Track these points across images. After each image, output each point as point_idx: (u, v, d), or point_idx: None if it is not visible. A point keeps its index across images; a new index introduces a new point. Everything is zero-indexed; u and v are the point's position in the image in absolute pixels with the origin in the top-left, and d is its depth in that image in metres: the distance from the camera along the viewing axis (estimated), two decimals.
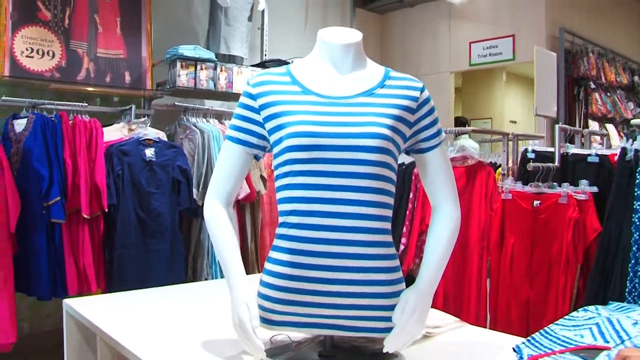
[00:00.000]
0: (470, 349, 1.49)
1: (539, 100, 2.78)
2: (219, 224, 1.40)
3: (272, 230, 3.90)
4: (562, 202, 2.37)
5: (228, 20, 4.35)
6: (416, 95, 1.36)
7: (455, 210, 1.41)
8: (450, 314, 1.76)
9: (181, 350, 1.44)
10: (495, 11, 6.04)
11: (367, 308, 1.29)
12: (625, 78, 6.44)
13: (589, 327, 1.23)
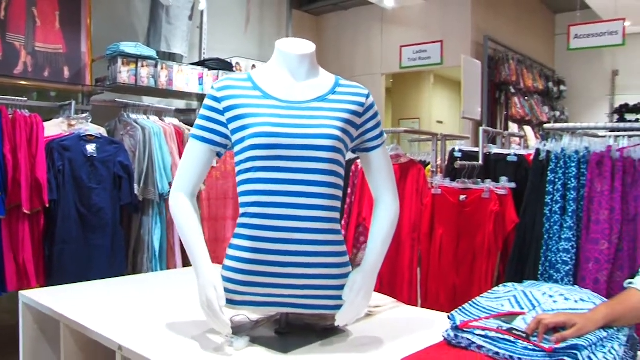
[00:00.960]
0: (406, 324, 1.68)
1: (465, 105, 3.04)
2: (185, 214, 1.53)
3: (210, 225, 3.98)
4: (485, 196, 2.63)
5: (169, 18, 4.40)
6: (362, 101, 1.55)
7: (395, 202, 1.60)
8: None
9: (148, 331, 1.56)
10: (425, 18, 6.37)
11: (319, 288, 1.46)
12: (541, 84, 6.94)
13: (508, 299, 1.45)
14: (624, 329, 1.33)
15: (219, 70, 4.34)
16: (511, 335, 1.27)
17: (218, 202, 3.98)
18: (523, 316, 1.34)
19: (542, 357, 1.19)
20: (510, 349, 1.24)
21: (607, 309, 1.32)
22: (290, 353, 1.42)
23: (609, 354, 1.21)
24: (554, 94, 7.41)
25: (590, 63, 7.81)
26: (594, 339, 1.22)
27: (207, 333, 1.52)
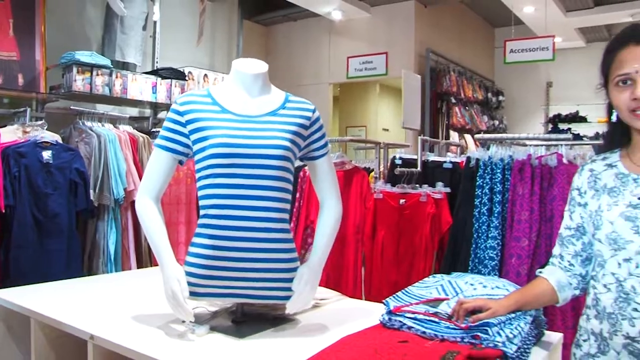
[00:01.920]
0: (349, 313, 1.89)
1: (405, 115, 3.28)
2: (150, 216, 1.70)
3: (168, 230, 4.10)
4: (422, 200, 2.88)
5: (124, 28, 4.51)
6: (309, 115, 1.76)
7: (338, 205, 1.82)
8: None
9: (116, 322, 1.72)
10: (371, 30, 6.66)
11: (271, 280, 1.66)
12: (480, 94, 7.33)
13: (435, 287, 1.68)
14: (531, 311, 1.57)
15: (172, 79, 4.47)
16: (436, 317, 1.49)
17: (171, 207, 4.10)
18: (447, 301, 1.57)
19: (460, 334, 1.42)
20: (435, 328, 1.46)
21: (517, 296, 1.55)
22: (246, 338, 1.61)
23: (514, 329, 1.45)
24: (493, 104, 7.83)
25: (527, 75, 8.28)
26: (503, 319, 1.45)
27: (171, 323, 1.69)
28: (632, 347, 1.32)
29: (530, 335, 1.53)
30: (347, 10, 6.37)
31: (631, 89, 1.34)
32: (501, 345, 1.37)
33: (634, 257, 1.34)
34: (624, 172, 1.43)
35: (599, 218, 1.42)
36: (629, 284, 1.34)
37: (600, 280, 1.42)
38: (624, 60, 1.36)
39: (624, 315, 1.34)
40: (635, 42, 1.36)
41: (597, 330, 1.41)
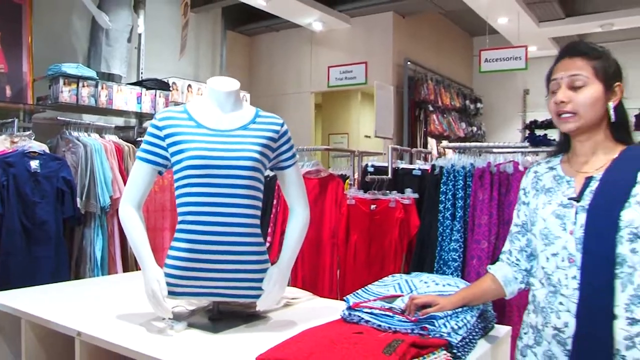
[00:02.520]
0: (317, 311, 2.04)
1: (377, 125, 3.46)
2: (132, 223, 1.86)
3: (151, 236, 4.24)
4: (391, 205, 3.05)
5: (109, 41, 4.66)
6: (278, 129, 1.92)
7: (305, 211, 1.99)
8: None
9: (101, 320, 1.87)
10: (351, 41, 6.86)
11: (243, 280, 1.82)
12: (458, 102, 7.54)
13: (393, 285, 1.85)
14: (478, 305, 1.74)
15: (156, 90, 4.63)
16: (390, 312, 1.65)
17: (156, 213, 4.24)
18: (402, 298, 1.74)
19: (410, 326, 1.58)
20: (389, 321, 1.62)
21: (464, 293, 1.72)
22: (220, 333, 1.77)
23: (460, 322, 1.61)
24: (471, 111, 8.04)
25: (504, 82, 8.50)
26: (449, 312, 1.62)
27: (152, 320, 1.85)
28: (559, 337, 1.48)
29: (476, 327, 1.70)
30: (328, 21, 6.55)
31: (556, 94, 1.51)
32: (446, 336, 1.53)
33: (560, 252, 1.49)
34: (560, 175, 1.58)
35: (535, 215, 1.58)
36: (556, 277, 1.50)
37: (536, 276, 1.59)
38: (556, 70, 1.54)
39: (552, 309, 1.50)
40: (569, 56, 1.53)
41: (534, 323, 1.58)
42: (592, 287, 1.41)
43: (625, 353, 1.39)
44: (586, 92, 1.48)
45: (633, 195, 1.41)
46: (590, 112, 1.48)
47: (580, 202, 1.49)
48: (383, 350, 1.34)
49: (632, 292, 1.40)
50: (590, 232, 1.43)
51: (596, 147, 1.53)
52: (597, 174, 1.50)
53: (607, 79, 1.49)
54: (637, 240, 1.39)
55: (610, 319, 1.39)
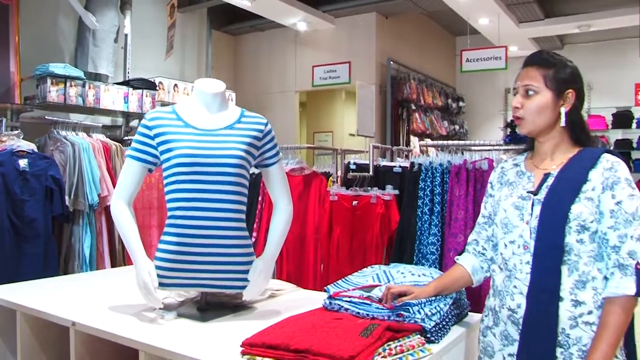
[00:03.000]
0: (301, 302, 2.15)
1: (359, 124, 3.57)
2: (124, 218, 1.95)
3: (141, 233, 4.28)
4: (372, 201, 3.16)
5: (96, 41, 4.72)
6: (262, 129, 2.03)
7: (288, 206, 2.09)
8: None
9: (95, 311, 1.96)
10: (335, 41, 6.97)
11: (230, 272, 1.92)
12: (440, 101, 7.68)
13: (371, 275, 1.96)
14: (452, 294, 1.86)
15: (143, 90, 4.70)
16: (369, 300, 1.76)
17: (144, 211, 4.31)
18: (380, 287, 1.85)
19: (387, 313, 1.69)
20: (367, 309, 1.73)
21: (436, 282, 1.84)
22: (208, 322, 1.87)
23: (434, 308, 1.73)
24: (454, 109, 8.18)
25: (486, 82, 8.65)
26: (423, 300, 1.73)
27: (142, 311, 1.94)
28: (513, 317, 1.63)
29: (450, 314, 1.82)
30: (312, 21, 6.65)
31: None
32: (420, 321, 1.64)
33: (517, 240, 1.64)
34: (523, 170, 1.74)
35: (497, 206, 1.74)
36: (512, 262, 1.65)
37: (496, 262, 1.75)
38: (517, 78, 1.70)
39: (507, 292, 1.65)
40: (526, 66, 1.69)
41: (493, 306, 1.72)
42: (542, 271, 1.57)
43: (570, 332, 1.54)
44: (535, 100, 1.63)
45: (583, 192, 1.56)
46: (537, 118, 1.63)
47: (537, 196, 1.64)
48: (360, 333, 1.45)
49: (577, 278, 1.55)
50: (544, 223, 1.59)
51: (555, 147, 1.68)
52: (554, 171, 1.65)
53: (557, 87, 1.63)
54: (583, 232, 1.55)
55: (557, 300, 1.54)
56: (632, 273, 1.49)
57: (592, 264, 1.56)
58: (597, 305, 1.54)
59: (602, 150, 1.63)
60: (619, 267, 1.51)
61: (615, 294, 1.50)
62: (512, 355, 1.64)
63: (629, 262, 1.50)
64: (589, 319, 1.53)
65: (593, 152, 1.63)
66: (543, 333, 1.55)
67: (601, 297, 1.54)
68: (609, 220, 1.54)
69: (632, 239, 1.51)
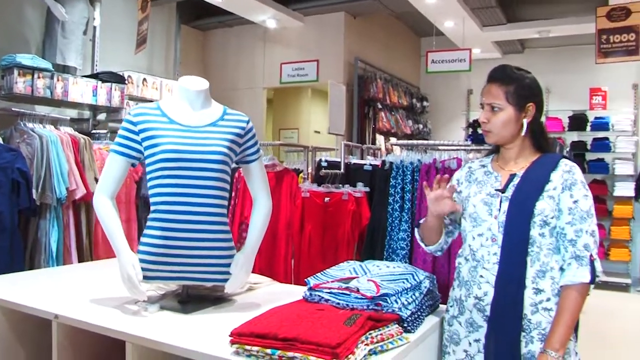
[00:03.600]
0: (278, 295, 2.22)
1: (331, 122, 3.65)
2: (107, 211, 1.98)
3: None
4: (344, 198, 3.24)
5: (65, 33, 4.66)
6: (244, 126, 2.08)
7: (268, 201, 2.15)
8: None
9: (77, 304, 1.98)
10: (303, 38, 7.03)
11: (211, 265, 1.97)
12: (405, 100, 7.82)
13: (348, 269, 2.04)
14: (425, 281, 1.95)
15: (112, 83, 4.67)
16: (347, 291, 1.84)
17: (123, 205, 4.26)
18: (357, 279, 1.93)
19: (366, 303, 1.76)
20: (347, 299, 1.80)
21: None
22: (190, 314, 1.92)
23: (409, 298, 1.82)
24: (418, 109, 8.34)
25: (449, 82, 8.83)
26: (399, 290, 1.82)
27: (125, 303, 1.98)
28: (479, 305, 1.80)
29: (424, 304, 1.92)
30: (281, 19, 6.70)
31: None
32: (397, 310, 1.74)
33: (485, 232, 1.82)
34: (490, 171, 1.93)
35: (467, 202, 1.91)
36: (480, 253, 1.83)
37: (463, 254, 1.91)
38: (483, 93, 1.89)
39: (474, 281, 1.82)
40: (492, 82, 1.87)
41: (458, 296, 1.89)
42: (509, 262, 1.76)
43: (531, 317, 1.74)
44: (500, 116, 1.83)
45: (546, 191, 1.77)
46: (502, 131, 1.84)
47: (505, 193, 1.84)
48: (344, 322, 1.52)
49: (538, 268, 1.76)
50: (511, 218, 1.78)
51: (519, 153, 1.89)
52: (519, 172, 1.85)
53: (518, 102, 1.82)
54: (545, 226, 1.76)
55: (522, 288, 1.74)
56: (587, 263, 1.71)
57: (550, 256, 1.77)
58: (554, 293, 1.75)
59: (560, 156, 1.86)
60: (575, 259, 1.72)
61: (573, 282, 1.71)
62: (478, 341, 1.82)
63: (584, 254, 1.72)
64: (548, 305, 1.74)
65: (553, 157, 1.85)
66: (510, 318, 1.73)
67: (558, 285, 1.74)
68: (567, 216, 1.75)
69: (586, 233, 1.73)
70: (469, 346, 1.84)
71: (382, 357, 1.54)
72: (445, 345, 1.93)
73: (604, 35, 4.92)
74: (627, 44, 4.87)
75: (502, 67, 1.90)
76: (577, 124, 7.81)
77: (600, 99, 7.77)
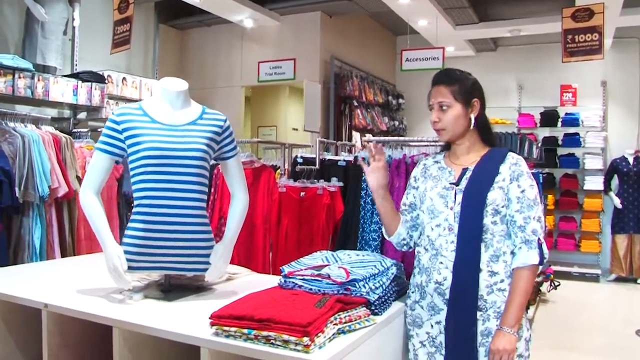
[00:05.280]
0: (256, 284, 2.34)
1: (306, 120, 3.79)
2: (93, 206, 2.10)
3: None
4: (319, 193, 3.38)
5: (45, 33, 4.73)
6: (222, 125, 2.22)
7: (245, 195, 2.29)
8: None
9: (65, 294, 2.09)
10: (280, 38, 7.15)
11: (192, 256, 2.11)
12: (381, 97, 7.98)
13: (321, 258, 2.18)
14: (392, 268, 2.10)
15: (92, 82, 4.75)
16: (319, 277, 1.98)
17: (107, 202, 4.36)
18: (328, 266, 2.07)
19: (337, 288, 1.90)
20: (318, 285, 1.93)
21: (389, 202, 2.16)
22: (174, 301, 2.04)
23: (377, 283, 1.97)
24: (394, 106, 8.50)
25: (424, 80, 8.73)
26: (367, 275, 1.96)
27: (111, 293, 2.10)
28: (439, 289, 1.95)
29: (391, 290, 2.07)
30: (258, 18, 6.81)
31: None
32: (365, 294, 1.88)
33: (442, 223, 1.97)
34: (444, 166, 2.08)
35: (424, 195, 2.05)
36: (438, 242, 1.98)
37: (422, 244, 2.07)
38: (430, 96, 2.05)
39: (434, 268, 1.98)
40: (436, 84, 2.03)
41: (419, 282, 2.04)
42: (465, 248, 1.91)
43: (487, 297, 1.90)
44: (450, 113, 1.98)
45: (496, 182, 1.93)
46: (455, 126, 1.99)
47: (459, 186, 1.98)
48: (315, 305, 1.67)
49: (492, 253, 1.92)
50: (465, 208, 1.94)
51: (469, 148, 2.04)
52: (471, 166, 2.01)
53: (464, 98, 1.98)
54: (496, 215, 1.92)
55: (477, 271, 1.90)
56: (535, 247, 1.88)
57: (502, 242, 1.94)
58: (507, 274, 1.91)
59: (507, 150, 2.02)
60: (525, 243, 1.89)
61: (525, 264, 1.88)
62: (439, 323, 1.97)
63: (532, 238, 1.89)
64: (502, 286, 1.91)
65: (501, 151, 2.02)
66: (467, 299, 1.89)
67: (511, 267, 1.91)
68: (515, 205, 1.92)
69: (534, 219, 1.91)
70: (431, 328, 1.99)
71: (350, 336, 1.68)
72: (409, 329, 2.07)
73: (569, 35, 5.11)
74: (591, 44, 5.07)
75: (446, 71, 2.08)
76: (549, 119, 8.05)
77: (571, 95, 8.03)
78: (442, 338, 1.96)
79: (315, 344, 1.53)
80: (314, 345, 1.52)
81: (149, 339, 1.80)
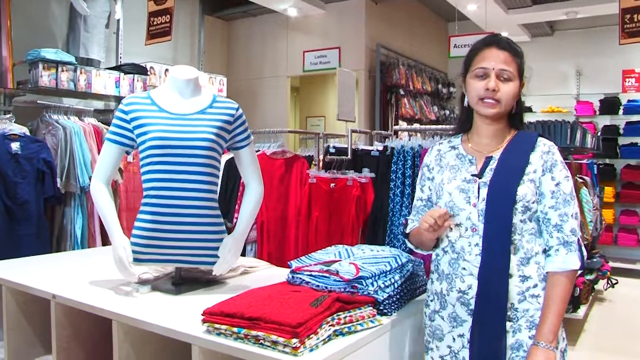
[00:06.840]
0: (271, 278, 2.27)
1: (340, 108, 3.68)
2: (102, 197, 2.09)
3: (127, 216, 4.40)
4: (349, 184, 3.29)
5: (87, 27, 4.81)
6: (233, 113, 2.14)
7: (259, 186, 2.22)
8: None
9: (74, 285, 2.09)
10: (325, 26, 7.04)
11: (202, 249, 2.06)
12: (430, 86, 7.75)
13: (334, 253, 2.08)
14: (407, 265, 1.97)
15: (134, 74, 4.80)
16: (327, 273, 1.89)
17: (135, 194, 4.42)
18: (339, 262, 1.97)
19: (343, 285, 1.81)
20: (325, 282, 1.85)
21: None
22: (181, 295, 2.00)
23: (387, 281, 1.85)
24: (444, 95, 8.25)
25: None
26: (377, 272, 1.85)
27: (120, 285, 2.08)
28: (463, 299, 1.70)
29: (405, 289, 1.95)
30: (302, 7, 6.72)
31: (486, 81, 1.68)
32: (373, 293, 1.77)
33: (464, 222, 1.69)
34: (463, 154, 1.78)
35: (440, 189, 1.77)
36: (459, 244, 1.71)
37: (440, 245, 1.80)
38: (486, 57, 1.69)
39: (456, 274, 1.71)
40: (496, 46, 1.69)
41: (438, 290, 1.78)
42: (492, 252, 1.64)
43: (518, 306, 1.65)
44: (511, 85, 1.68)
45: (526, 174, 1.66)
46: (510, 103, 1.70)
47: (482, 178, 1.70)
48: (311, 304, 1.58)
49: (522, 255, 1.66)
50: (492, 205, 1.66)
51: (497, 131, 1.76)
52: (495, 154, 1.72)
53: (521, 77, 1.72)
54: (526, 212, 1.65)
55: (507, 277, 1.63)
56: (575, 249, 1.62)
57: (533, 241, 1.67)
58: (540, 278, 1.66)
59: (537, 135, 1.74)
60: (563, 244, 1.63)
61: (563, 269, 1.62)
62: (462, 336, 1.72)
63: (572, 239, 1.63)
64: (535, 291, 1.65)
65: (530, 136, 1.73)
66: (495, 310, 1.63)
67: (545, 271, 1.65)
68: (549, 200, 1.65)
69: (572, 217, 1.64)
70: (453, 342, 1.74)
71: (349, 338, 1.58)
72: (428, 341, 1.83)
73: (627, 15, 4.76)
74: None
75: (506, 38, 1.75)
76: (609, 107, 7.61)
77: (634, 81, 7.55)
78: (465, 353, 1.71)
79: (306, 346, 1.44)
80: (303, 348, 1.43)
81: (150, 333, 1.76)
